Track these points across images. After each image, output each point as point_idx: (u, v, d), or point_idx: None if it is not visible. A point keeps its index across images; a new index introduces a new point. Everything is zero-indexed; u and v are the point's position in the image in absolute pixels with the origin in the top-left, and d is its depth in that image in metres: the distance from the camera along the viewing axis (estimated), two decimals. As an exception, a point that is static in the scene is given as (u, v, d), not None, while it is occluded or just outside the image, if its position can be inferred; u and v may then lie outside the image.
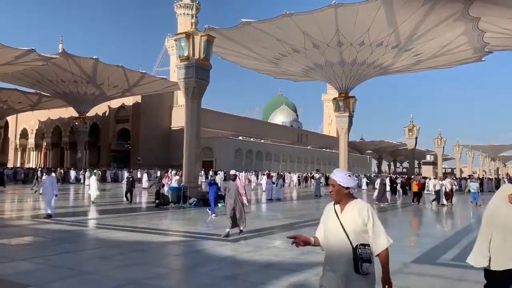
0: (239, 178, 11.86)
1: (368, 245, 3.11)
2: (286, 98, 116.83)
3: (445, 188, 23.51)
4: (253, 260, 8.10)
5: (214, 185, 16.55)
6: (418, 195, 23.88)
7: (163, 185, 21.25)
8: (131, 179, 20.78)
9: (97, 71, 47.42)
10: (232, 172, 11.65)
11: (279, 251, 9.21)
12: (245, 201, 11.36)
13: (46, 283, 6.26)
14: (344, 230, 3.13)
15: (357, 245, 3.06)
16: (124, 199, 20.78)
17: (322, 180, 37.63)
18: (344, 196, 3.24)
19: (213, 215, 15.36)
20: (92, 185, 20.78)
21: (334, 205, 3.31)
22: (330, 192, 3.32)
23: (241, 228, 11.10)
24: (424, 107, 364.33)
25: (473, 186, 24.27)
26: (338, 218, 3.20)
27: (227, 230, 10.76)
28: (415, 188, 24.29)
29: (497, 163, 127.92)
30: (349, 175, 3.29)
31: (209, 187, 16.72)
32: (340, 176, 3.25)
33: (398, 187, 32.52)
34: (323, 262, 3.27)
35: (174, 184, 21.71)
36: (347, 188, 3.23)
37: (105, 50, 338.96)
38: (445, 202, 23.26)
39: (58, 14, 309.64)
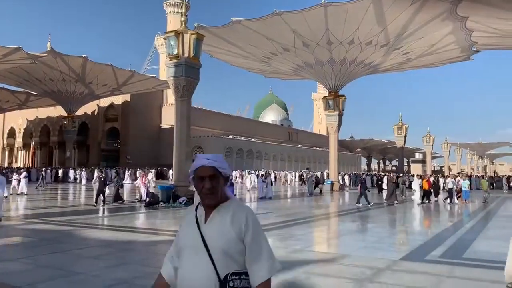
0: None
1: (246, 274, 1.99)
2: (276, 97, 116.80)
3: (456, 186, 23.41)
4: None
5: (231, 186, 16.28)
6: (427, 194, 23.84)
7: (122, 185, 20.85)
8: (102, 179, 19.50)
9: (86, 69, 46.98)
10: None
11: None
12: None
13: (34, 284, 6.19)
14: (207, 250, 1.98)
15: (227, 275, 1.95)
16: (94, 202, 18.23)
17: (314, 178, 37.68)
18: (222, 193, 2.10)
19: None
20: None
21: (196, 210, 2.14)
22: (204, 190, 2.04)
23: None
24: (413, 106, 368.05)
25: (465, 184, 24.05)
26: (200, 231, 2.04)
27: None
28: (425, 186, 24.09)
29: (485, 160, 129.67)
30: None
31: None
32: (222, 161, 2.09)
33: (384, 185, 32.31)
34: None
35: (128, 180, 20.63)
36: (227, 179, 2.12)
37: (94, 48, 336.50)
38: (456, 200, 23.15)
39: (46, 12, 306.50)
